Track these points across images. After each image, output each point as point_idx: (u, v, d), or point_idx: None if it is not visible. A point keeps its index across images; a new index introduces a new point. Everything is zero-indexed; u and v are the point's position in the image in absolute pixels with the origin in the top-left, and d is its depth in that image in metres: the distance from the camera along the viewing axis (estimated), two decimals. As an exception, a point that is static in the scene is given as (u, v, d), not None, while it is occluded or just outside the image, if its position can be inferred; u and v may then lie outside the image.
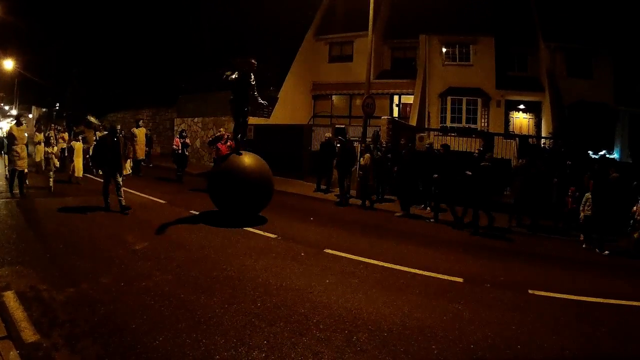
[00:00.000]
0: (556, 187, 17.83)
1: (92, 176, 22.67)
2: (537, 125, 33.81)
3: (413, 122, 31.48)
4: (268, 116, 24.43)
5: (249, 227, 13.87)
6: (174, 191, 20.62)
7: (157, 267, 9.64)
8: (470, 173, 16.57)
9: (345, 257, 11.40)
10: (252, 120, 30.99)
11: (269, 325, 7.16)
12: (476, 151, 17.98)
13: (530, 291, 9.81)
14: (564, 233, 17.26)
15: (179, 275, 9.23)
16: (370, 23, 23.07)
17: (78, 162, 21.52)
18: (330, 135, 22.96)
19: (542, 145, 26.53)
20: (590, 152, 26.62)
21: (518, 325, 7.89)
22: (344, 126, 30.44)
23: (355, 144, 22.76)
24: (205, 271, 9.54)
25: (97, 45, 52.07)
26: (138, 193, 17.95)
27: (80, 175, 21.39)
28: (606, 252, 14.35)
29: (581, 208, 16.16)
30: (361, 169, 19.62)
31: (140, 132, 25.50)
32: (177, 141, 24.90)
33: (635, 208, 15.02)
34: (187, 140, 25.60)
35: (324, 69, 38.47)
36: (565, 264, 13.14)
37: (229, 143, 20.75)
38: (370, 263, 11.00)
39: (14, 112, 60.24)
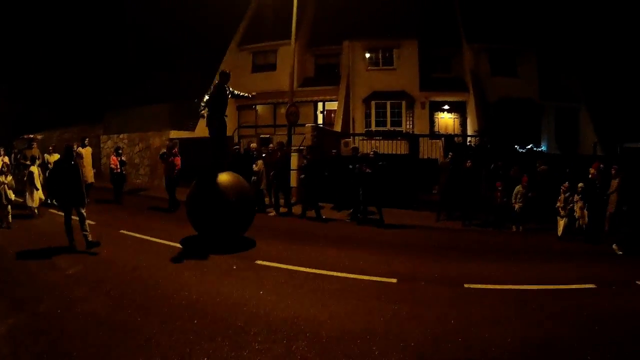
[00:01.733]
0: (484, 182, 18.24)
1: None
2: (463, 124, 34.19)
3: (338, 128, 31.50)
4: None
5: (177, 243, 13.47)
6: (104, 210, 19.73)
7: (92, 290, 9.13)
8: (369, 170, 17.52)
9: (276, 266, 11.07)
10: (175, 134, 30.74)
11: (207, 341, 6.96)
12: (371, 153, 18.74)
13: (466, 285, 9.88)
14: (496, 225, 17.79)
15: (114, 297, 8.76)
16: (293, 31, 23.04)
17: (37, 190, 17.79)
18: (256, 145, 22.81)
19: (468, 143, 26.96)
20: (517, 147, 27.24)
21: (457, 320, 7.91)
22: (268, 136, 30.28)
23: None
24: (139, 291, 9.09)
25: (24, 62, 50.64)
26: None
27: (37, 205, 18.13)
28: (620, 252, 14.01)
29: (513, 200, 17.26)
30: (254, 175, 20.12)
31: (87, 152, 21.82)
32: (114, 159, 22.52)
33: (560, 197, 16.27)
34: (124, 158, 23.52)
35: (248, 79, 37.71)
36: (500, 255, 13.44)
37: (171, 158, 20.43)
38: (301, 271, 10.77)
39: None
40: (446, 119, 35.04)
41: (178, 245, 13.21)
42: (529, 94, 31.95)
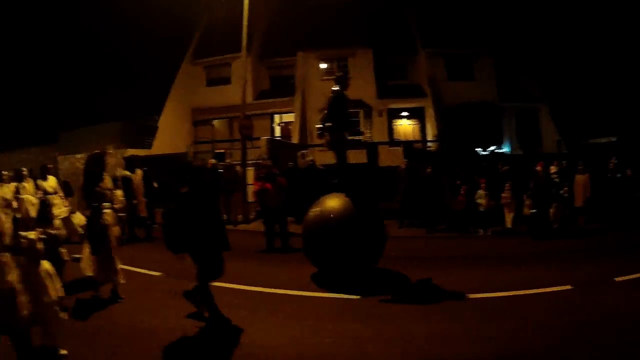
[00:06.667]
0: (447, 188, 18.08)
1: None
2: (422, 130, 34.18)
3: (295, 140, 31.25)
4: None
5: (129, 265, 12.56)
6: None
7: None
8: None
9: (231, 287, 9.89)
10: (132, 152, 29.92)
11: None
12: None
13: (434, 297, 9.22)
14: (462, 230, 17.51)
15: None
16: (244, 42, 22.58)
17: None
18: (215, 161, 22.05)
19: (428, 148, 26.79)
20: (479, 150, 27.17)
21: (426, 336, 7.22)
22: (223, 151, 29.80)
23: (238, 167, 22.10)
24: (91, 320, 8.18)
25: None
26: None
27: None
28: None
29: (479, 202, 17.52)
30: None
31: (137, 177, 16.43)
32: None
33: (504, 194, 17.30)
34: (154, 184, 17.68)
35: (202, 94, 37.68)
36: (467, 262, 13.01)
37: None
38: (257, 291, 9.82)
39: None
40: (405, 126, 35.00)
41: (127, 267, 11.96)
42: (487, 96, 32.06)
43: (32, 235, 6.18)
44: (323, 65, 35.68)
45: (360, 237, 10.33)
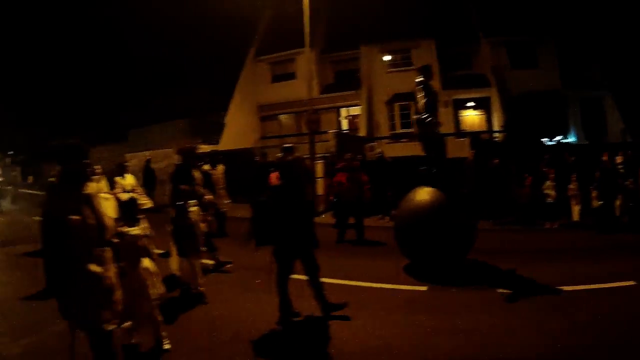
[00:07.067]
0: (514, 179, 17.91)
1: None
2: (489, 120, 33.81)
3: (363, 132, 31.36)
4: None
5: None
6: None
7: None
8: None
9: (298, 279, 10.42)
10: (201, 148, 30.39)
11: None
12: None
13: (499, 290, 9.20)
14: (529, 223, 17.26)
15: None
16: (307, 38, 22.73)
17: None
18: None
19: (495, 139, 26.54)
20: (545, 140, 26.77)
21: (489, 329, 7.37)
22: (291, 145, 30.11)
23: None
24: (163, 307, 8.65)
25: (46, 88, 50.61)
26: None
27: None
28: None
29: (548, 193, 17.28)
30: None
31: (218, 172, 16.19)
32: None
33: (571, 185, 17.19)
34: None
35: (268, 90, 38.21)
36: (535, 255, 12.83)
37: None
38: (325, 282, 10.00)
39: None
40: (472, 116, 34.78)
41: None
42: (551, 84, 31.47)
43: (135, 231, 6.55)
44: (386, 58, 35.63)
45: (453, 229, 10.45)
